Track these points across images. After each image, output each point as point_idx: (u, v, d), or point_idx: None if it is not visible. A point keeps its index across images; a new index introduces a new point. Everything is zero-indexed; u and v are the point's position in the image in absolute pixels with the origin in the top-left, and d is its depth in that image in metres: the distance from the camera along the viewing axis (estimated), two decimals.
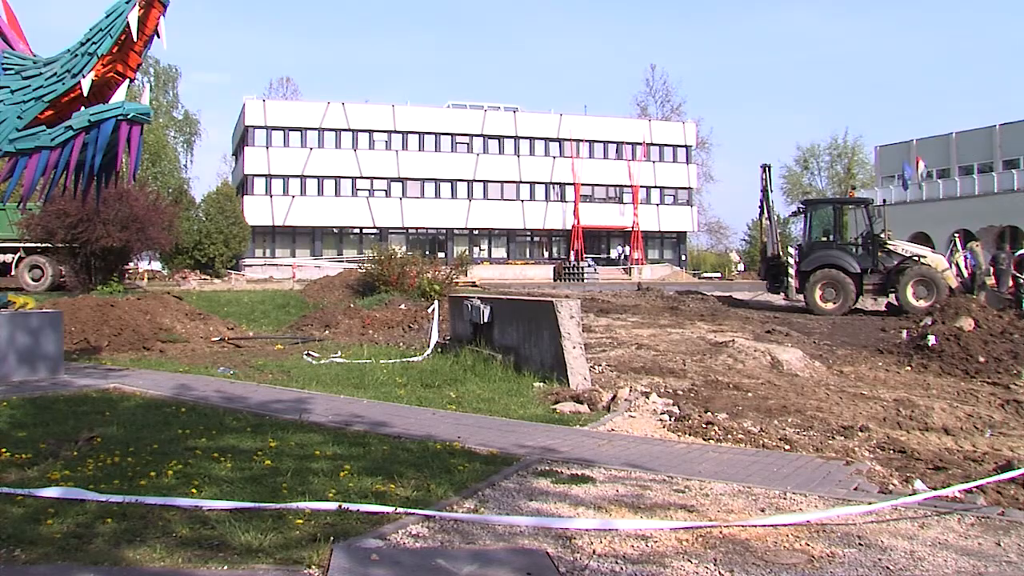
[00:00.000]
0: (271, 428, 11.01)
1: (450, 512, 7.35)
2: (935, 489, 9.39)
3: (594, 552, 6.55)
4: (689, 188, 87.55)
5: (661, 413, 12.94)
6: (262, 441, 10.09)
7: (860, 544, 7.07)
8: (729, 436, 11.70)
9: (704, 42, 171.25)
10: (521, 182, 79.41)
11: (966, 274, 31.96)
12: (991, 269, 36.10)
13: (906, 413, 15.06)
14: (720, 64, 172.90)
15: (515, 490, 8.22)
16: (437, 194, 77.25)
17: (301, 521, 6.91)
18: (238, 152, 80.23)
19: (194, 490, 7.83)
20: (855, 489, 9.16)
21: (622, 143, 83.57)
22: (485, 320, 18.35)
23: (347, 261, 62.58)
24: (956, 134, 76.28)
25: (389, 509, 7.24)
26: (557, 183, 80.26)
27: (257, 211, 69.80)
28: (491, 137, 78.87)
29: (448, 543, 6.63)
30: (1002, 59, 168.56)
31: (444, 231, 77.46)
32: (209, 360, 20.17)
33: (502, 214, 78.34)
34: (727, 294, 38.73)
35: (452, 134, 77.90)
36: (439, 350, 20.31)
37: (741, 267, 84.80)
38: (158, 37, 11.42)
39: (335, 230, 75.01)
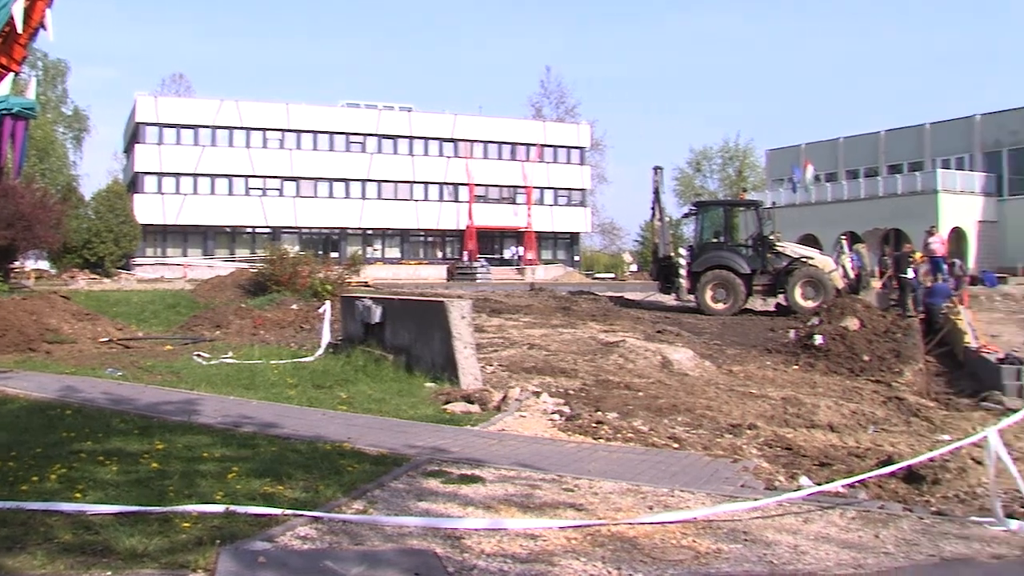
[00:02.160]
0: (159, 430, 10.83)
1: (339, 513, 7.32)
2: (819, 484, 9.57)
3: (483, 552, 6.57)
4: (583, 189, 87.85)
5: (552, 413, 13.02)
6: (149, 443, 9.92)
7: (746, 540, 7.20)
8: (619, 435, 11.81)
9: (599, 44, 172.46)
10: (415, 182, 79.03)
11: (852, 275, 32.55)
12: (876, 270, 36.96)
13: (793, 411, 15.36)
14: (615, 66, 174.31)
15: (405, 490, 8.21)
16: (331, 194, 76.55)
17: (188, 524, 6.82)
18: (129, 149, 78.61)
19: (78, 494, 7.65)
20: (742, 486, 9.33)
21: (516, 144, 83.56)
22: (377, 320, 18.29)
23: (240, 261, 61.76)
24: (843, 139, 77.71)
25: (277, 511, 7.19)
26: (451, 183, 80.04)
27: (148, 210, 68.46)
28: (385, 137, 78.32)
29: (336, 544, 6.61)
30: (888, 67, 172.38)
31: (338, 231, 76.80)
32: (97, 361, 19.78)
33: (396, 214, 77.91)
34: (619, 294, 38.96)
35: (346, 133, 77.20)
36: (331, 350, 20.17)
37: (634, 268, 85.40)
38: (44, 29, 11.18)
39: (228, 229, 73.97)
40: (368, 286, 41.72)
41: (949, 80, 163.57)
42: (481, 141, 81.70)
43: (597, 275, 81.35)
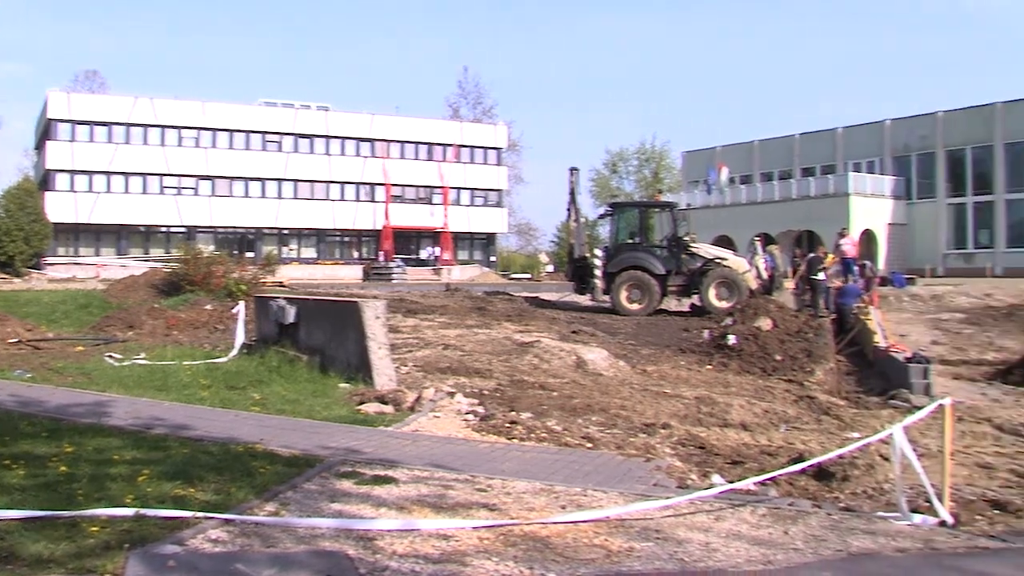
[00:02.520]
0: (68, 433, 10.65)
1: (251, 515, 7.27)
2: (731, 483, 9.69)
3: (395, 553, 6.57)
4: (499, 190, 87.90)
5: (466, 413, 13.03)
6: (58, 446, 9.75)
7: (657, 538, 7.28)
8: (533, 435, 11.85)
9: (517, 45, 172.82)
10: (332, 182, 78.50)
11: (766, 276, 32.88)
12: (789, 271, 37.40)
13: (706, 410, 15.51)
14: (532, 67, 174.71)
15: (317, 492, 8.18)
16: (246, 193, 75.77)
17: (96, 529, 6.71)
18: (40, 146, 77.13)
19: None
20: (654, 485, 9.41)
21: (433, 144, 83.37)
22: (291, 321, 18.17)
23: (154, 260, 60.86)
24: (758, 142, 78.71)
25: (188, 514, 7.11)
26: (368, 183, 79.62)
27: (60, 208, 67.25)
28: (302, 136, 77.68)
29: (248, 547, 6.56)
30: (801, 72, 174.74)
31: (253, 230, 76.07)
32: (5, 363, 19.39)
33: (312, 214, 77.33)
34: (535, 295, 39.03)
35: (262, 132, 76.44)
36: (245, 351, 19.98)
37: (550, 268, 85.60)
38: None
39: (142, 228, 72.84)
40: (283, 286, 41.37)
41: (861, 85, 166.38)
42: (398, 141, 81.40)
43: (513, 275, 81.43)
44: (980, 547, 7.69)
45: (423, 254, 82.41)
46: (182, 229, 72.21)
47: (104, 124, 71.38)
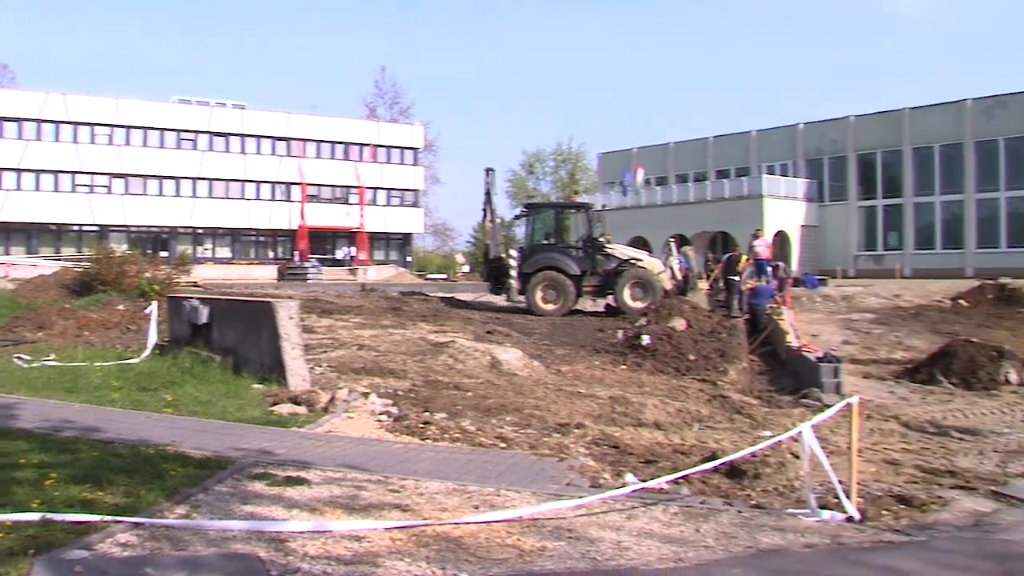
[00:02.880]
0: None
1: (161, 519, 7.18)
2: (644, 481, 9.75)
3: (307, 554, 6.54)
4: (416, 190, 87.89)
5: (380, 414, 13.00)
6: None
7: (570, 537, 7.31)
8: (446, 435, 11.85)
9: (434, 45, 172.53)
10: (247, 181, 77.95)
11: (680, 277, 33.10)
12: (703, 272, 37.75)
13: (620, 410, 15.58)
14: (450, 68, 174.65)
15: (229, 494, 8.10)
16: (160, 191, 74.91)
17: (0, 535, 6.58)
18: None
19: None
20: (567, 484, 9.45)
21: (350, 144, 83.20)
22: (204, 321, 17.97)
23: (65, 260, 59.82)
24: (673, 144, 79.40)
25: (96, 518, 6.99)
26: (284, 183, 79.18)
27: None
28: (217, 134, 77.04)
29: (158, 551, 6.49)
30: (714, 75, 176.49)
31: (167, 230, 75.20)
32: None
33: (227, 213, 76.70)
34: (450, 295, 38.94)
35: (177, 130, 75.61)
36: (157, 352, 19.71)
37: (466, 268, 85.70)
38: None
39: (53, 227, 71.66)
40: (197, 286, 40.91)
41: (776, 89, 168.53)
42: (314, 140, 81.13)
43: (429, 276, 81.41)
44: (885, 541, 7.83)
45: (339, 254, 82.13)
46: (95, 228, 71.22)
47: (14, 120, 70.21)
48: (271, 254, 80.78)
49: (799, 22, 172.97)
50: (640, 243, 59.04)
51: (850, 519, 8.58)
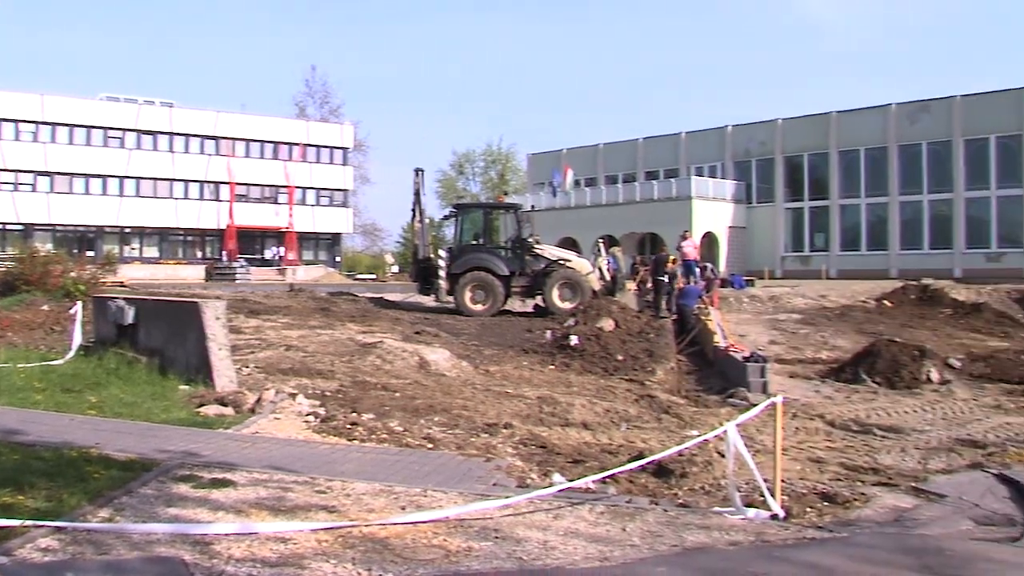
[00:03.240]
0: None
1: (83, 522, 7.09)
2: (571, 481, 9.79)
3: (232, 557, 6.49)
4: (345, 190, 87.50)
5: (307, 414, 12.94)
6: None
7: (496, 537, 7.33)
8: (374, 436, 11.84)
9: (364, 45, 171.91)
10: (175, 180, 77.06)
11: (608, 277, 33.23)
12: (632, 273, 37.93)
13: (548, 410, 15.66)
14: (380, 67, 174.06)
15: (153, 497, 8.02)
16: (87, 190, 73.82)
17: None
18: None
19: None
20: (494, 484, 9.48)
21: (279, 143, 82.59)
22: (130, 321, 17.75)
23: None
24: (603, 145, 79.61)
25: (16, 522, 6.86)
26: (212, 182, 78.43)
27: None
28: (145, 132, 76.02)
29: (80, 555, 6.41)
30: (644, 77, 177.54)
31: (94, 229, 74.14)
32: None
33: (155, 212, 75.74)
34: (379, 295, 38.76)
35: (104, 128, 74.50)
36: (82, 353, 19.43)
37: (395, 269, 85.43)
38: None
39: None
40: (124, 286, 40.39)
41: (703, 92, 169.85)
42: (243, 139, 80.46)
43: (358, 276, 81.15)
44: (808, 538, 7.96)
45: (268, 254, 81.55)
46: (19, 227, 70.00)
47: None
48: (199, 254, 79.95)
49: (725, 26, 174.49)
50: (569, 244, 59.20)
51: (775, 516, 8.68)
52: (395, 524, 7.47)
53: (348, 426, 12.26)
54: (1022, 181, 55.94)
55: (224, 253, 76.56)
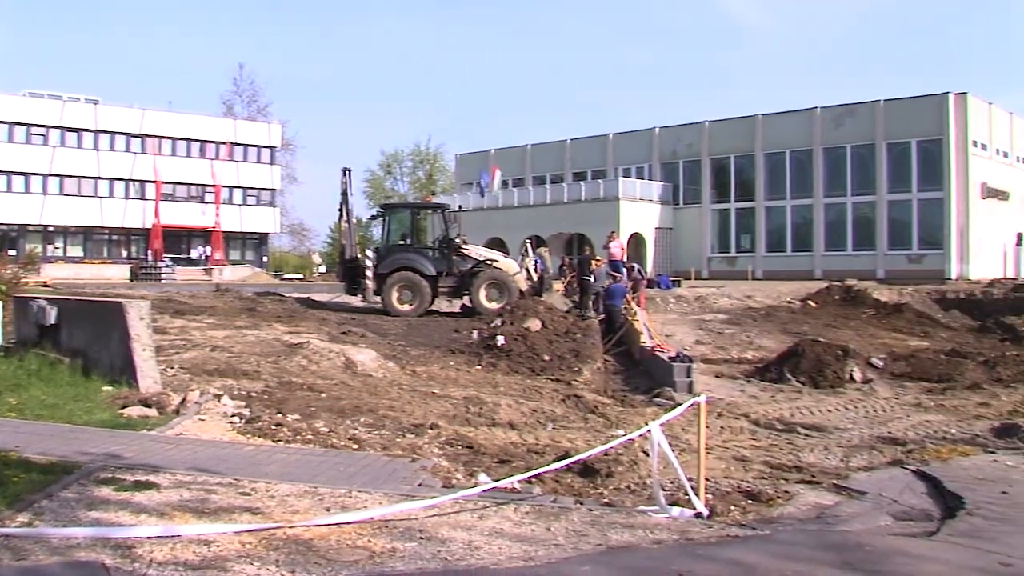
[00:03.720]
0: None
1: (1, 527, 6.96)
2: (497, 481, 9.82)
3: (154, 560, 6.42)
4: (272, 189, 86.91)
5: (232, 415, 12.84)
6: None
7: (421, 538, 7.33)
8: (299, 437, 11.79)
9: (293, 43, 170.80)
10: (100, 178, 75.99)
11: (535, 278, 33.30)
12: (560, 274, 38.06)
13: (475, 410, 15.70)
14: (308, 66, 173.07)
15: (74, 500, 7.90)
16: (9, 187, 72.50)
17: None
18: None
19: None
20: (420, 485, 9.47)
21: (206, 142, 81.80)
22: (52, 322, 17.49)
23: None
24: (531, 146, 79.72)
25: None
26: (138, 180, 77.39)
27: None
28: (69, 129, 74.88)
29: None
30: (572, 78, 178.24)
31: (16, 227, 72.89)
32: None
33: (79, 211, 74.66)
34: (306, 296, 38.56)
35: (27, 124, 73.17)
36: (2, 354, 19.11)
37: (322, 269, 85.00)
38: None
39: None
40: (47, 286, 39.81)
41: (632, 94, 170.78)
42: (170, 137, 79.50)
43: (285, 276, 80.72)
44: (731, 536, 8.04)
45: (194, 254, 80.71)
46: None
47: None
48: (124, 253, 78.88)
49: (653, 27, 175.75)
50: (497, 244, 59.25)
51: (699, 515, 8.78)
52: (319, 525, 7.44)
53: (273, 427, 12.20)
54: (942, 184, 56.89)
55: (150, 253, 75.60)
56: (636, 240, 64.55)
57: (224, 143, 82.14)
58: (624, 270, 37.15)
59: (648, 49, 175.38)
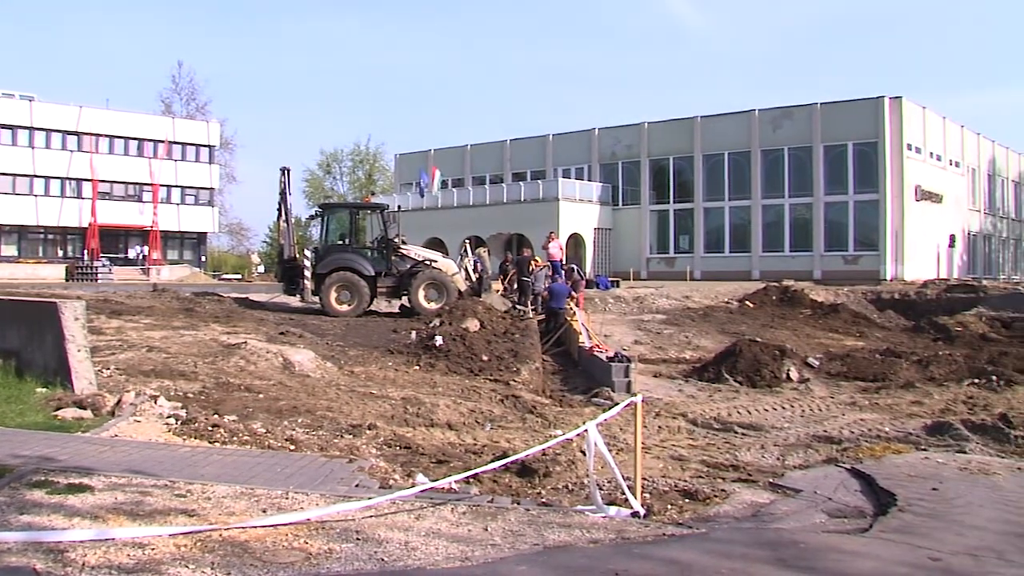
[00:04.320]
0: None
1: None
2: (435, 481, 9.82)
3: (87, 564, 6.35)
4: (211, 188, 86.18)
5: (168, 417, 12.74)
6: None
7: (358, 539, 7.31)
8: (236, 438, 11.73)
9: (232, 42, 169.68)
10: (35, 176, 74.89)
11: (474, 278, 33.33)
12: (500, 274, 38.13)
13: (413, 410, 15.69)
14: (247, 65, 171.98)
15: (5, 504, 7.78)
16: None
17: None
18: None
19: None
20: (357, 486, 9.46)
21: (144, 140, 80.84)
22: None
23: None
24: (471, 146, 79.81)
25: None
26: (74, 179, 76.38)
27: None
28: (3, 127, 73.69)
29: None
30: (512, 78, 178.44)
31: None
32: None
33: (13, 209, 73.55)
34: (244, 296, 38.28)
35: None
36: None
37: (261, 269, 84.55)
38: None
39: None
40: None
41: (571, 94, 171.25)
42: (107, 135, 78.46)
43: (224, 276, 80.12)
44: (667, 534, 8.09)
45: (131, 253, 79.80)
46: None
47: None
48: (60, 253, 77.88)
49: (594, 27, 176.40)
50: (436, 244, 59.28)
51: (635, 514, 8.85)
52: (255, 527, 7.40)
53: (210, 428, 12.11)
54: (878, 187, 57.61)
55: (86, 252, 74.71)
56: (575, 240, 64.76)
57: (162, 141, 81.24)
58: (563, 271, 37.28)
59: (589, 49, 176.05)
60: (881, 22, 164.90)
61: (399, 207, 38.59)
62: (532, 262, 33.61)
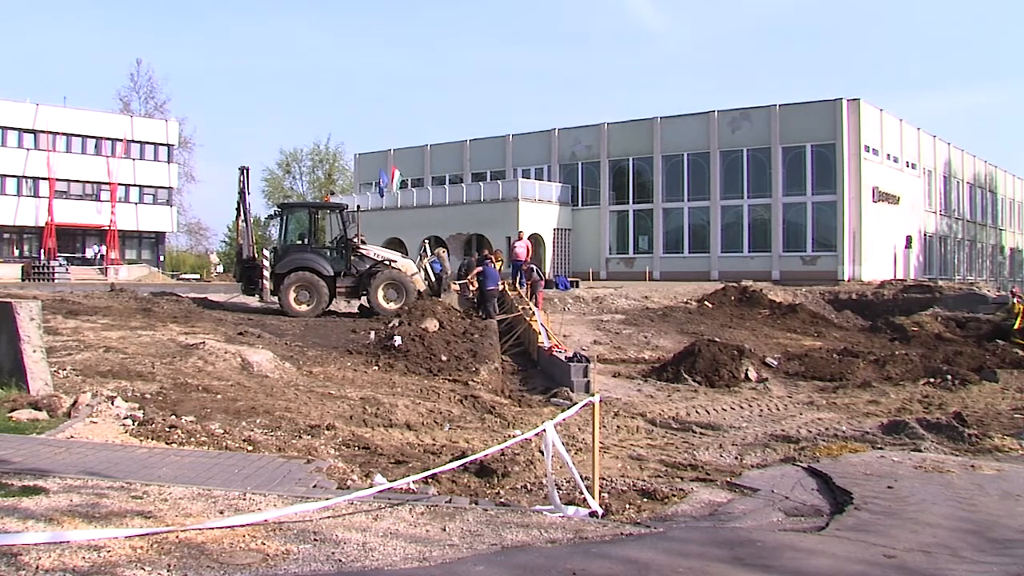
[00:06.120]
0: None
1: None
2: (393, 482, 9.81)
3: (41, 567, 6.29)
4: (170, 188, 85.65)
5: (125, 418, 12.65)
6: None
7: (315, 539, 7.30)
8: (193, 439, 11.67)
9: (191, 41, 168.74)
10: None
11: (434, 278, 33.32)
12: (458, 274, 38.13)
13: (372, 411, 15.68)
14: (206, 64, 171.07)
15: None
16: None
17: None
18: None
19: None
20: (315, 486, 9.44)
21: (102, 138, 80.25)
22: None
23: None
24: (430, 146, 79.79)
25: None
26: (31, 177, 75.72)
27: None
28: None
29: None
30: (473, 78, 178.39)
31: None
32: None
33: None
34: (203, 296, 38.01)
35: None
36: None
37: (220, 269, 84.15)
38: None
39: None
40: None
41: (531, 94, 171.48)
42: (64, 134, 77.80)
43: (182, 276, 79.71)
44: (625, 534, 8.13)
45: (88, 253, 79.20)
46: None
47: None
48: (16, 252, 77.22)
49: (554, 28, 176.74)
50: (396, 245, 59.29)
51: (593, 514, 8.87)
52: (212, 528, 7.37)
53: (167, 429, 12.05)
54: (836, 188, 58.04)
55: (43, 252, 74.07)
56: (535, 241, 64.80)
57: (120, 140, 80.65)
58: (523, 271, 37.36)
59: (549, 50, 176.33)
60: (840, 25, 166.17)
61: (358, 207, 38.40)
62: (490, 261, 33.57)
